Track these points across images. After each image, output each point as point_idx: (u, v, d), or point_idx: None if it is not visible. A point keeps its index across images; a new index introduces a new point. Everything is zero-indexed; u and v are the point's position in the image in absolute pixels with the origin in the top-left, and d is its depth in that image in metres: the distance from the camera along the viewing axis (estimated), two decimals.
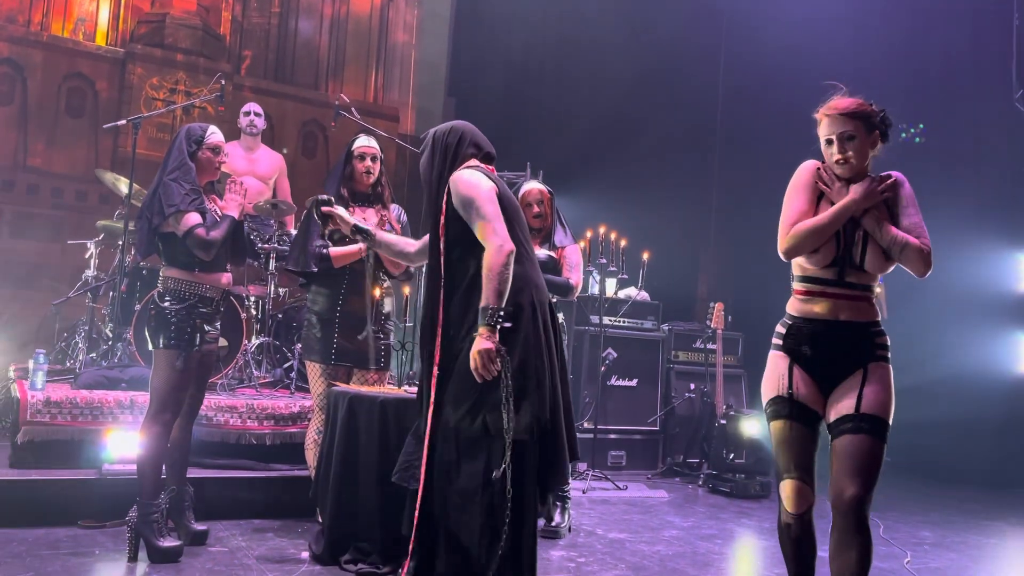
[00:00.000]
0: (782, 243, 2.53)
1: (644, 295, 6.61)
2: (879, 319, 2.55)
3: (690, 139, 9.48)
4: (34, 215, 7.34)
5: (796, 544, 2.50)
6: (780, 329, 2.61)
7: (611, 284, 6.43)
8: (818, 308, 2.51)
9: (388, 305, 4.02)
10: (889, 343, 2.55)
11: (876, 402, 2.43)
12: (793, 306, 2.60)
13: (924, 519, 5.38)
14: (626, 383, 6.49)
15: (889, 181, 2.52)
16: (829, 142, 2.56)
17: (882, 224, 2.47)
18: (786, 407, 2.50)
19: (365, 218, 3.91)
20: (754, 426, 5.86)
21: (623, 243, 5.85)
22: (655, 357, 6.69)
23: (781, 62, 7.76)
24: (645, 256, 6.10)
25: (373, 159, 3.95)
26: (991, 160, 7.36)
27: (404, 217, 4.11)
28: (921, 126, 7.83)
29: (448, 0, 10.01)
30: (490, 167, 2.90)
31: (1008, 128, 7.23)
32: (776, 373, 2.56)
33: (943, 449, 6.90)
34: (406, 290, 3.98)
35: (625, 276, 6.10)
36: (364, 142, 3.98)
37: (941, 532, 5.00)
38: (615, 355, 6.32)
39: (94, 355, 5.17)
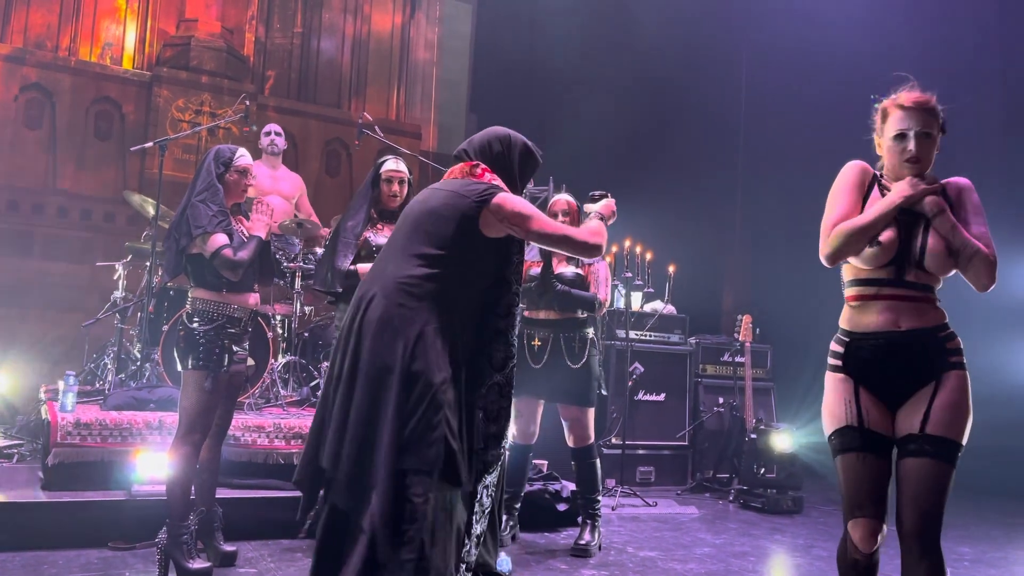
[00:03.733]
0: (824, 246, 2.32)
1: (671, 308, 6.56)
2: (947, 321, 2.33)
3: (714, 151, 9.43)
4: (64, 237, 7.43)
5: None
6: (837, 348, 2.38)
7: (637, 298, 6.39)
8: (874, 317, 2.30)
9: None
10: (963, 346, 2.32)
11: (944, 420, 2.22)
12: (847, 318, 2.38)
13: (963, 534, 5.26)
14: (654, 398, 6.43)
15: (937, 183, 2.33)
16: (901, 136, 2.33)
17: (956, 226, 2.26)
18: (857, 438, 2.27)
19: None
20: (785, 440, 5.78)
21: (648, 256, 5.81)
22: (683, 371, 6.63)
23: (804, 71, 7.70)
24: (671, 269, 6.05)
25: (400, 183, 3.97)
26: (1013, 166, 7.24)
27: None
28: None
29: (469, 18, 10.07)
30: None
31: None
32: (840, 399, 2.32)
33: (979, 461, 6.75)
34: None
35: (651, 290, 6.06)
36: (392, 166, 4.00)
37: (981, 548, 4.89)
38: (642, 369, 6.27)
39: (123, 376, 5.20)
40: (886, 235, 2.28)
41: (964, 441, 2.26)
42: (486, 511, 2.47)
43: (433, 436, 2.22)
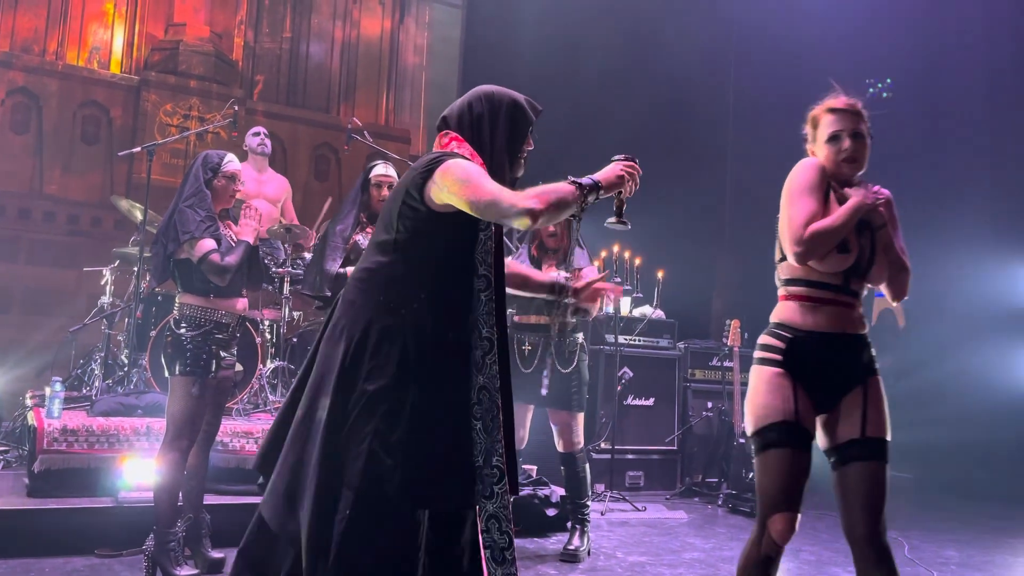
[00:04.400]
0: (797, 245, 2.30)
1: (659, 313, 6.57)
2: (868, 330, 2.42)
3: (703, 156, 9.46)
4: (50, 242, 7.40)
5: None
6: (775, 343, 2.37)
7: (626, 303, 6.40)
8: (823, 318, 2.32)
9: None
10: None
11: (879, 422, 2.31)
12: (791, 315, 2.37)
13: (949, 538, 5.28)
14: (643, 402, 6.44)
15: (883, 192, 2.39)
16: (835, 138, 2.39)
17: (892, 240, 2.37)
18: (794, 434, 2.28)
19: None
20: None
21: (637, 262, 5.83)
22: (671, 376, 6.64)
23: (793, 76, 7.74)
24: (660, 275, 6.07)
25: (390, 187, 3.96)
26: (1009, 173, 7.31)
27: None
28: (888, 81, 7.71)
29: (458, 22, 10.08)
30: None
31: (1021, 140, 7.18)
32: (778, 395, 2.31)
33: (965, 466, 6.81)
34: None
35: (640, 295, 6.07)
36: (381, 170, 3.99)
37: (967, 552, 4.91)
38: (631, 374, 6.28)
39: (110, 381, 5.17)
40: (853, 244, 2.34)
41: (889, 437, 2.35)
42: (497, 545, 2.16)
43: (359, 449, 2.00)
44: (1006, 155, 7.31)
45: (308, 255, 5.60)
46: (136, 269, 5.08)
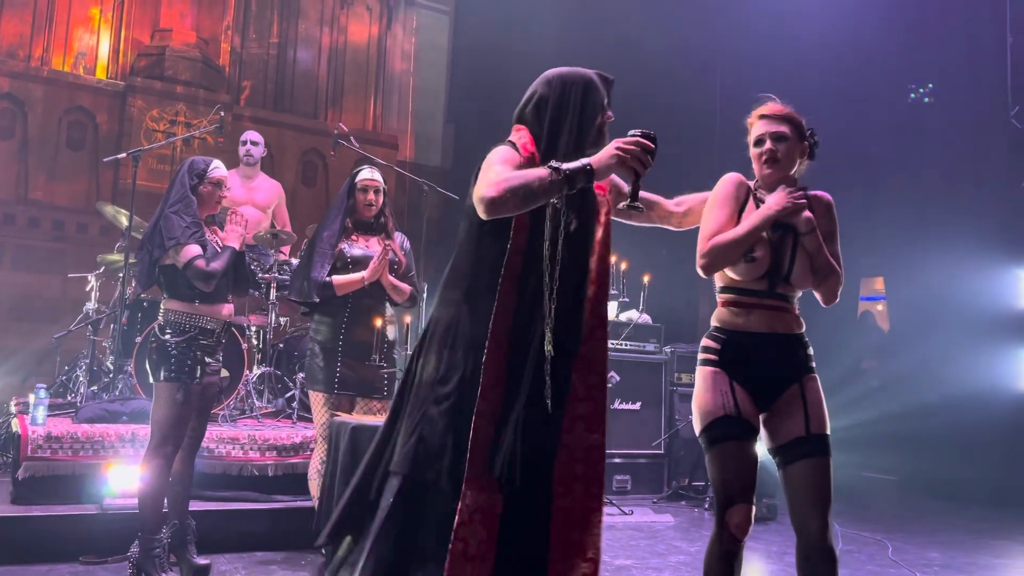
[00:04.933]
0: (700, 258, 2.43)
1: (646, 318, 6.60)
2: (804, 330, 2.48)
3: (688, 159, 9.49)
4: (35, 248, 7.36)
5: (732, 570, 2.36)
6: (711, 344, 2.48)
7: (612, 307, 6.42)
8: (751, 320, 2.42)
9: (392, 333, 4.02)
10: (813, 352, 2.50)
11: (821, 418, 2.38)
12: (724, 318, 2.49)
13: (932, 539, 5.33)
14: (630, 407, 6.46)
15: (801, 191, 2.43)
16: (759, 142, 2.49)
17: (822, 246, 2.41)
18: (736, 426, 2.35)
19: (368, 246, 3.93)
20: (758, 448, 5.82)
21: (623, 266, 5.85)
22: (658, 380, 6.66)
23: (778, 82, 7.80)
24: (646, 279, 6.09)
25: (376, 192, 3.96)
26: (990, 176, 7.39)
27: (407, 245, 4.12)
28: (931, 86, 7.74)
29: (445, 28, 10.11)
30: None
31: (1006, 144, 7.26)
32: (717, 391, 2.40)
33: (948, 467, 6.87)
34: (407, 319, 3.97)
35: (626, 299, 6.09)
36: (367, 175, 3.99)
37: (950, 553, 4.95)
38: (618, 379, 6.29)
39: (95, 388, 5.16)
40: (759, 251, 2.41)
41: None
42: None
43: (411, 439, 2.11)
44: (989, 158, 7.38)
45: (295, 261, 5.60)
46: (122, 275, 5.07)
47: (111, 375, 5.15)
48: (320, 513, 3.56)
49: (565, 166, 2.02)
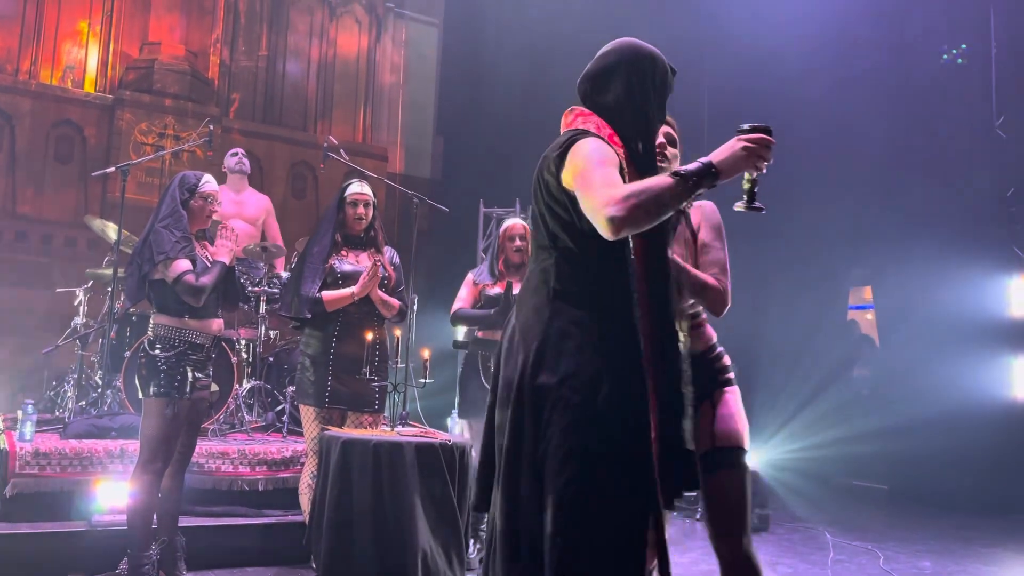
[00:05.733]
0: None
1: None
2: (715, 342, 2.44)
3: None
4: (23, 262, 7.32)
5: None
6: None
7: None
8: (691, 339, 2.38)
9: (383, 347, 4.01)
10: (730, 363, 2.45)
11: (731, 433, 2.35)
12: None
13: (923, 548, 5.34)
14: None
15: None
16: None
17: (682, 268, 2.31)
18: None
19: (358, 261, 3.92)
20: (750, 458, 5.83)
21: None
22: None
23: (765, 96, 7.85)
24: None
25: (366, 205, 3.96)
26: (977, 185, 7.44)
27: (397, 259, 4.12)
28: (964, 46, 7.70)
29: (434, 41, 10.13)
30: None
31: (992, 154, 7.31)
32: None
33: (938, 476, 6.88)
34: (397, 332, 3.96)
35: None
36: (357, 189, 3.99)
37: (941, 562, 4.96)
38: None
39: (83, 403, 5.12)
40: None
41: (747, 447, 2.38)
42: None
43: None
44: (975, 168, 7.43)
45: (286, 274, 5.59)
46: (110, 290, 5.05)
47: (99, 390, 5.11)
48: (311, 528, 3.54)
49: (689, 171, 1.84)
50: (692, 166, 1.85)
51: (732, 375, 2.45)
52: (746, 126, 1.94)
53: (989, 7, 7.23)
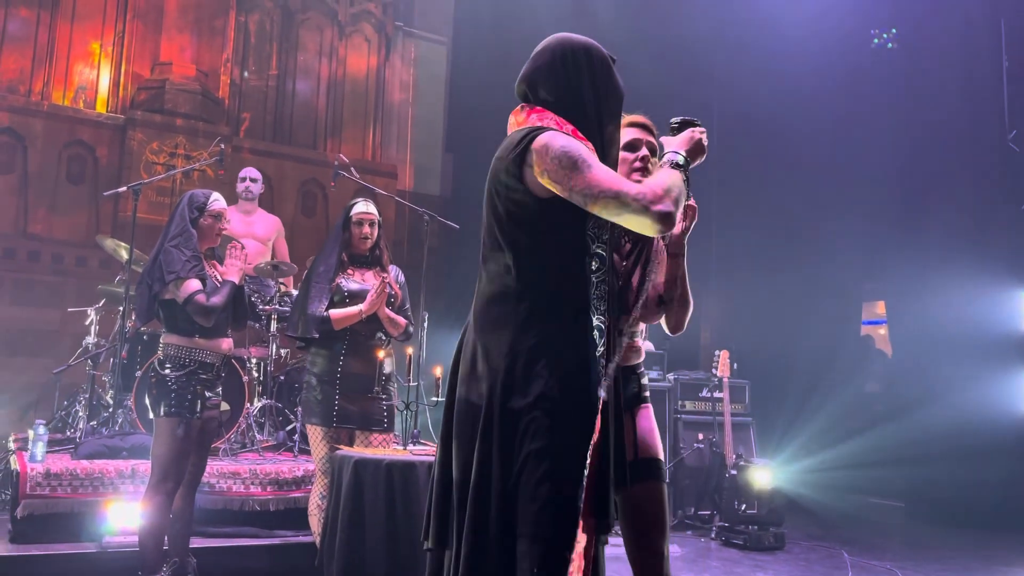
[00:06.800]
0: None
1: (648, 345, 6.56)
2: (643, 360, 2.52)
3: (689, 183, 9.50)
4: (35, 282, 7.34)
5: None
6: None
7: None
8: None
9: (389, 366, 3.98)
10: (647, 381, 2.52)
11: (650, 444, 2.40)
12: None
13: (943, 566, 5.26)
14: None
15: None
16: (633, 147, 2.41)
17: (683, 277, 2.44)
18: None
19: (364, 280, 3.90)
20: (765, 476, 5.77)
21: None
22: (662, 407, 6.61)
23: (774, 110, 7.84)
24: None
25: (371, 224, 3.95)
26: (989, 200, 7.39)
27: (402, 278, 4.10)
28: (894, 31, 7.76)
29: (443, 59, 10.17)
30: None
31: (1004, 167, 7.27)
32: None
33: (954, 491, 6.79)
34: (409, 351, 3.94)
35: None
36: (362, 208, 3.98)
37: None
38: None
39: (95, 423, 5.11)
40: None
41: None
42: None
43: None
44: (988, 181, 7.39)
45: (295, 292, 5.58)
46: (122, 309, 5.05)
47: (111, 409, 5.10)
48: (323, 548, 3.51)
49: (681, 163, 1.93)
50: (677, 158, 1.94)
51: (648, 393, 2.53)
52: (676, 120, 2.06)
53: (1000, 20, 7.20)
